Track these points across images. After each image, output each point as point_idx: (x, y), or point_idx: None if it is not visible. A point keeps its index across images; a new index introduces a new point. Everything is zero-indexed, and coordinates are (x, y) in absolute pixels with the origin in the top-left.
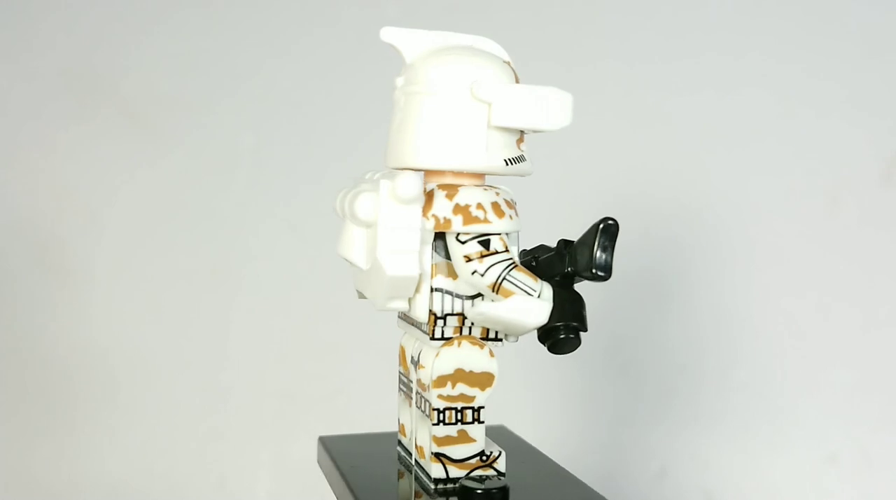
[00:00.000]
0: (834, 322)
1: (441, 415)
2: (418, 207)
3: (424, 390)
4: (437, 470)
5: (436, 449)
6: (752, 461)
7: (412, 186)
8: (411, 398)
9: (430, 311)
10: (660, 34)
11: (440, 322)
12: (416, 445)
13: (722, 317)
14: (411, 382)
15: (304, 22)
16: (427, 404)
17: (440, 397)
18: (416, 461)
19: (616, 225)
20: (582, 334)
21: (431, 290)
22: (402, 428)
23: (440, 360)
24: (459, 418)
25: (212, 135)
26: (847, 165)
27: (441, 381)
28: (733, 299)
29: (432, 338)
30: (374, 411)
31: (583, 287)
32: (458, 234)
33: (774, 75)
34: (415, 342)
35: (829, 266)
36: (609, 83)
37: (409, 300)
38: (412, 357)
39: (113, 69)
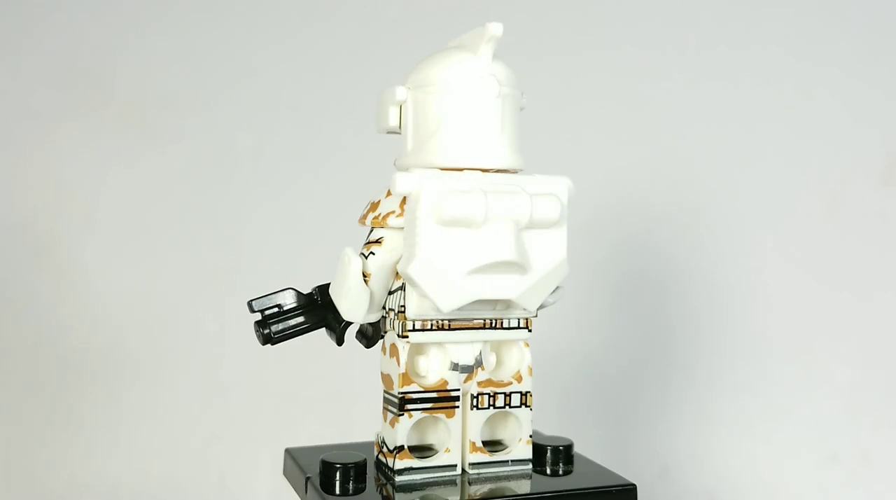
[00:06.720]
0: (834, 322)
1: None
2: None
3: (503, 385)
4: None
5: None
6: (752, 461)
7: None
8: (454, 409)
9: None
10: (659, 33)
11: None
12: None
13: (722, 316)
14: (455, 390)
15: (303, 20)
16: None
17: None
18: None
19: None
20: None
21: None
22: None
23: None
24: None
25: (209, 133)
26: (847, 164)
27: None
28: (733, 298)
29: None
30: (374, 412)
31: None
32: None
33: (775, 74)
34: (468, 346)
35: (829, 265)
36: (607, 81)
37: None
38: (460, 363)
39: (110, 67)
